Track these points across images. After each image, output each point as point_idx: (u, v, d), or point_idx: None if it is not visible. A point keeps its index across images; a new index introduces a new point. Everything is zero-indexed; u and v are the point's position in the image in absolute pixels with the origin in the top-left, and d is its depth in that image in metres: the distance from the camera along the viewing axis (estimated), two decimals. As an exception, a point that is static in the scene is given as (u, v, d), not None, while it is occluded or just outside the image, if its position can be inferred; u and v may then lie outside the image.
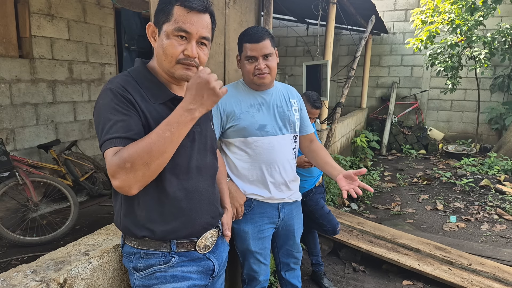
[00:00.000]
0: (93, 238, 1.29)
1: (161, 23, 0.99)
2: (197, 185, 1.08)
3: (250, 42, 1.50)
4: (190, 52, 0.98)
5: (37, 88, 3.82)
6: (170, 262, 1.05)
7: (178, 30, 0.96)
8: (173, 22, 0.96)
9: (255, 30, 1.51)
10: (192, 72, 1.00)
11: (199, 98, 0.91)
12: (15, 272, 1.04)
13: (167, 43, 0.97)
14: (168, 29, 0.97)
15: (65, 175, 3.73)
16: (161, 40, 0.99)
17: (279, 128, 1.61)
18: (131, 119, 0.92)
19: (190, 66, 0.99)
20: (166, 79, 1.06)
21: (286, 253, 1.84)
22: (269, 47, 1.51)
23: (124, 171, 0.86)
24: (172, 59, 0.98)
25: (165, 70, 1.01)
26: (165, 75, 1.05)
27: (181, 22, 0.96)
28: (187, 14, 0.96)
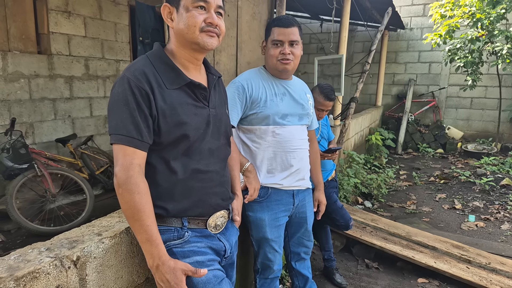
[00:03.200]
0: (106, 220, 1.31)
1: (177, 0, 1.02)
2: (208, 167, 1.11)
3: (279, 26, 1.53)
4: (212, 20, 1.03)
5: (55, 83, 3.91)
6: (184, 237, 1.07)
7: (197, 1, 1.01)
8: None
9: (286, 17, 1.57)
10: (215, 40, 1.05)
11: (162, 279, 0.99)
12: (30, 249, 1.06)
13: (188, 15, 1.01)
14: (187, 2, 1.01)
15: (81, 168, 3.82)
16: (181, 15, 1.02)
17: (298, 118, 1.66)
18: (140, 117, 0.97)
19: (213, 33, 1.04)
20: (185, 58, 1.09)
21: (297, 242, 1.84)
22: (297, 34, 1.55)
23: (116, 188, 0.98)
24: (195, 29, 1.01)
25: (189, 42, 1.04)
26: (184, 54, 1.08)
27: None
28: None
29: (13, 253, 1.03)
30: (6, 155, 3.04)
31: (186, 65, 1.09)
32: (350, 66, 7.17)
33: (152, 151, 1.03)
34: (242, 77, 1.62)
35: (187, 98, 1.06)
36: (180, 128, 1.03)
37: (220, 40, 1.08)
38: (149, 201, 0.98)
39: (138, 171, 0.97)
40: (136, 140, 0.96)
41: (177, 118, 1.02)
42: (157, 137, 1.02)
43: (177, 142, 1.04)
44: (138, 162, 0.98)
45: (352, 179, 3.92)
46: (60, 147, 3.94)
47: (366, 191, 4.23)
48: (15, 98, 3.59)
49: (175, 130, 1.02)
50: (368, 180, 4.41)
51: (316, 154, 1.91)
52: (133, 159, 0.96)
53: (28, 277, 0.92)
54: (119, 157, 0.96)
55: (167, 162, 1.04)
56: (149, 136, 0.99)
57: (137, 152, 0.97)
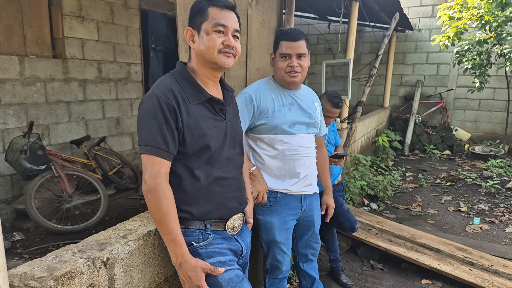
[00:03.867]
0: (129, 224, 1.41)
1: (199, 24, 1.15)
2: (227, 173, 1.23)
3: (287, 40, 1.61)
4: (229, 42, 1.14)
5: (69, 86, 4.04)
6: (207, 239, 1.19)
7: (217, 25, 1.13)
8: (211, 20, 1.13)
9: (293, 30, 1.63)
10: (231, 59, 1.16)
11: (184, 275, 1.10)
12: (65, 251, 1.17)
13: (208, 38, 1.13)
14: (207, 26, 1.13)
15: (95, 169, 3.94)
16: (201, 38, 1.14)
17: (306, 127, 1.73)
18: (167, 131, 1.08)
19: (230, 54, 1.16)
20: (204, 76, 1.20)
21: (305, 244, 1.93)
22: (304, 47, 1.62)
23: (145, 194, 1.09)
24: (214, 50, 1.13)
25: (208, 61, 1.16)
26: (204, 72, 1.20)
27: (218, 19, 1.13)
28: (221, 11, 1.14)
29: (50, 254, 1.14)
30: (24, 156, 3.16)
31: (205, 81, 1.21)
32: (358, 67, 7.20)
33: (178, 160, 1.14)
34: (251, 88, 1.70)
35: (208, 112, 1.18)
36: (202, 139, 1.14)
37: (236, 60, 1.19)
38: (173, 206, 1.09)
39: (165, 179, 1.09)
40: (163, 151, 1.08)
41: (200, 130, 1.14)
42: (182, 147, 1.13)
43: (200, 152, 1.16)
44: (165, 171, 1.10)
45: (359, 181, 3.98)
46: (74, 148, 4.08)
47: (372, 193, 4.29)
48: (32, 101, 3.72)
49: (198, 141, 1.14)
50: (374, 182, 4.47)
51: (325, 159, 1.99)
52: (160, 168, 1.08)
53: (65, 277, 1.02)
54: (148, 166, 1.08)
55: (191, 170, 1.16)
56: (175, 148, 1.11)
57: (164, 162, 1.09)
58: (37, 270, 1.03)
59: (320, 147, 1.95)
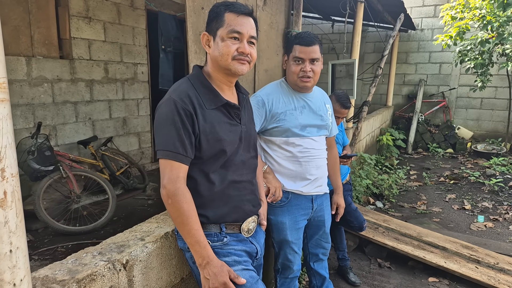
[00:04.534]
0: (146, 226, 1.44)
1: (215, 30, 1.15)
2: (242, 177, 1.25)
3: (301, 44, 1.61)
4: (243, 49, 1.14)
5: (77, 87, 4.07)
6: (223, 241, 1.21)
7: (232, 32, 1.13)
8: (226, 26, 1.13)
9: (308, 34, 1.63)
10: (246, 66, 1.17)
11: (209, 273, 1.11)
12: (84, 253, 1.19)
13: (223, 45, 1.13)
14: (223, 33, 1.13)
15: (102, 169, 3.97)
16: (217, 44, 1.14)
17: (317, 130, 1.75)
18: (184, 135, 1.09)
19: (244, 61, 1.15)
20: (220, 81, 1.21)
21: (315, 244, 1.95)
22: (318, 52, 1.62)
23: (165, 199, 1.10)
24: (228, 57, 1.13)
25: (222, 68, 1.16)
26: (219, 77, 1.20)
27: (234, 25, 1.13)
28: (237, 17, 1.13)
29: (70, 257, 1.15)
30: (32, 157, 3.15)
31: (221, 86, 1.22)
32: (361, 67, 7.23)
33: (194, 165, 1.16)
34: (263, 92, 1.72)
35: (223, 117, 1.19)
36: (218, 144, 1.15)
37: (251, 66, 1.20)
38: (194, 209, 1.11)
39: (183, 183, 1.11)
40: (182, 156, 1.09)
41: (216, 135, 1.15)
42: (198, 152, 1.14)
43: (216, 156, 1.17)
44: (183, 175, 1.11)
45: (364, 180, 4.02)
46: (81, 148, 4.10)
47: (378, 191, 4.33)
48: (39, 102, 3.75)
49: (214, 146, 1.15)
50: (379, 181, 4.50)
51: (335, 159, 2.01)
52: (179, 173, 1.09)
53: (87, 279, 1.04)
54: (167, 171, 1.09)
55: (206, 174, 1.17)
56: (192, 152, 1.12)
57: (182, 166, 1.10)
58: (59, 273, 1.04)
59: (331, 147, 1.98)
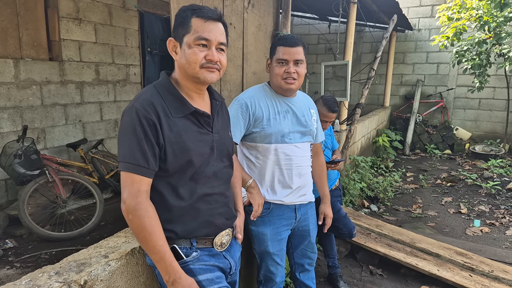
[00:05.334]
0: (113, 241, 1.35)
1: (181, 36, 1.07)
2: (213, 189, 1.18)
3: (285, 46, 1.56)
4: (212, 57, 1.07)
5: (66, 89, 4.01)
6: (192, 255, 1.14)
7: (199, 39, 1.06)
8: (193, 32, 1.06)
9: (291, 36, 1.59)
10: (215, 74, 1.10)
11: None
12: (40, 273, 1.10)
13: (190, 52, 1.06)
14: (189, 39, 1.06)
15: (91, 172, 3.91)
16: (183, 51, 1.07)
17: (300, 136, 1.68)
18: (147, 146, 1.03)
19: (213, 68, 1.09)
20: (188, 88, 1.14)
21: (300, 254, 1.88)
22: (302, 53, 1.57)
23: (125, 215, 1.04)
24: (195, 65, 1.07)
25: (190, 76, 1.10)
26: (187, 85, 1.13)
27: (201, 32, 1.06)
28: (204, 23, 1.06)
29: (24, 278, 1.07)
30: (18, 161, 3.09)
31: (190, 94, 1.15)
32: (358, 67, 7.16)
33: (160, 178, 1.09)
34: (246, 95, 1.65)
35: (192, 126, 1.12)
36: (185, 155, 1.08)
37: (221, 73, 1.13)
38: (158, 224, 1.04)
39: (146, 197, 1.04)
40: (143, 168, 1.02)
41: (183, 145, 1.08)
42: (164, 163, 1.07)
43: (183, 168, 1.09)
44: (145, 188, 1.04)
45: (358, 183, 3.95)
46: (71, 151, 4.05)
47: (372, 194, 4.26)
48: (27, 105, 3.69)
49: (181, 157, 1.08)
50: (374, 183, 4.43)
51: (322, 167, 1.93)
52: (140, 186, 1.03)
53: (38, 304, 0.95)
54: (127, 185, 1.03)
55: (174, 188, 1.10)
56: (155, 164, 1.05)
57: (144, 179, 1.04)
58: (10, 296, 0.96)
59: (317, 154, 1.91)
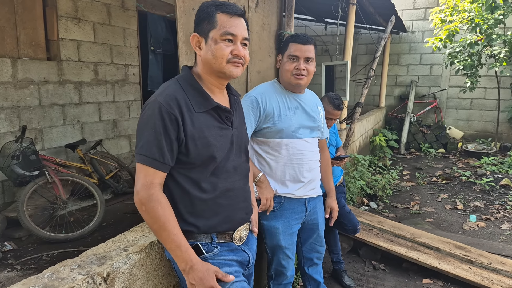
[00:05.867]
0: (130, 235, 1.36)
1: (206, 31, 1.09)
2: (234, 184, 1.19)
3: (297, 42, 1.60)
4: (238, 52, 1.09)
5: (64, 89, 3.98)
6: (213, 251, 1.15)
7: (226, 34, 1.07)
8: (219, 28, 1.08)
9: (304, 34, 1.64)
10: (240, 69, 1.12)
11: (194, 278, 1.06)
12: (62, 267, 1.10)
13: (217, 47, 1.08)
14: (215, 35, 1.08)
15: (91, 173, 3.87)
16: (209, 46, 1.09)
17: (310, 131, 1.72)
18: (165, 141, 1.03)
19: (239, 63, 1.11)
20: (211, 83, 1.16)
21: (309, 248, 1.91)
22: (313, 52, 1.62)
23: (138, 206, 1.05)
24: (222, 60, 1.08)
25: (216, 71, 1.11)
26: (211, 79, 1.15)
27: (227, 27, 1.08)
28: (230, 19, 1.08)
29: (46, 271, 1.08)
30: (17, 162, 3.02)
31: (212, 89, 1.16)
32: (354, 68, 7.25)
33: (182, 173, 1.10)
34: (257, 91, 1.68)
35: (213, 121, 1.13)
36: (207, 150, 1.10)
37: (244, 68, 1.15)
38: (172, 213, 1.05)
39: (159, 189, 1.05)
40: (158, 162, 1.04)
41: (205, 140, 1.09)
42: (186, 157, 1.09)
43: (205, 163, 1.11)
44: (159, 181, 1.06)
45: (358, 181, 4.00)
46: (69, 152, 4.01)
47: (371, 192, 4.32)
48: (25, 105, 3.65)
49: (203, 152, 1.09)
50: (373, 181, 4.50)
51: (327, 162, 1.98)
52: (154, 179, 1.04)
53: (63, 296, 0.95)
54: (141, 177, 1.04)
55: (197, 183, 1.11)
56: (171, 159, 1.06)
57: (158, 173, 1.05)
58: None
59: (323, 150, 1.95)
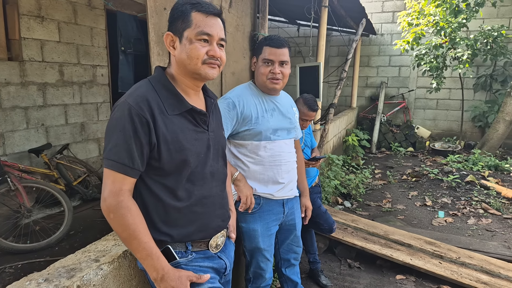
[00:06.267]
0: (101, 244, 1.30)
1: (181, 30, 1.04)
2: (210, 191, 1.14)
3: (271, 46, 1.59)
4: (214, 53, 1.05)
5: (27, 91, 3.76)
6: (187, 257, 1.10)
7: (201, 34, 1.03)
8: (194, 27, 1.03)
9: (278, 37, 1.62)
10: (216, 70, 1.08)
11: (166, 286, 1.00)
12: (27, 281, 1.03)
13: (191, 47, 1.03)
14: (190, 34, 1.03)
15: (57, 179, 3.68)
16: (183, 46, 1.04)
17: (287, 132, 1.73)
18: (135, 145, 0.98)
19: (214, 64, 1.07)
20: (185, 85, 1.11)
21: (287, 249, 1.92)
22: (287, 55, 1.61)
23: (106, 214, 0.99)
24: (197, 61, 1.04)
25: (190, 72, 1.06)
26: (185, 81, 1.10)
27: (203, 26, 1.03)
28: (206, 18, 1.04)
29: (9, 287, 1.00)
30: (-24, 169, 2.88)
31: (186, 90, 1.11)
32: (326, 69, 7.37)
33: (156, 180, 1.05)
34: (233, 94, 1.65)
35: (188, 124, 1.08)
36: (181, 154, 1.04)
37: (220, 69, 1.11)
38: (142, 221, 1.00)
39: (128, 195, 0.99)
40: (127, 167, 0.98)
41: (178, 144, 1.04)
42: (158, 162, 1.03)
43: (179, 168, 1.05)
44: (128, 187, 1.00)
45: (333, 181, 4.07)
46: (33, 157, 3.79)
47: (345, 191, 4.40)
48: (-16, 108, 3.42)
49: (176, 156, 1.04)
50: (346, 181, 4.59)
51: (301, 162, 1.99)
52: (123, 185, 0.98)
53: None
54: (108, 183, 0.98)
55: (172, 190, 1.06)
56: (142, 164, 1.01)
57: (127, 179, 0.99)
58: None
59: (296, 150, 1.95)
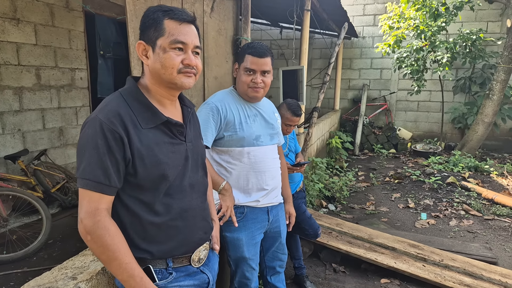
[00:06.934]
0: (79, 260, 1.25)
1: (153, 39, 1.00)
2: (191, 203, 1.10)
3: (253, 55, 1.56)
4: (189, 61, 1.02)
5: (3, 95, 3.61)
6: (167, 278, 1.06)
7: (175, 42, 0.99)
8: (168, 35, 0.99)
9: (261, 46, 1.59)
10: (192, 79, 1.05)
11: None
12: None
13: (165, 56, 0.99)
14: (164, 43, 0.99)
15: (35, 186, 3.55)
16: (157, 55, 1.00)
17: (270, 138, 1.72)
18: (110, 162, 0.94)
19: (190, 73, 1.04)
20: (160, 95, 1.06)
21: (272, 256, 1.90)
22: (269, 64, 1.59)
23: (83, 235, 0.94)
24: (172, 70, 1.00)
25: (165, 82, 1.03)
26: (160, 91, 1.06)
27: (176, 35, 0.99)
28: (179, 26, 1.00)
29: None
30: None
31: (162, 101, 1.07)
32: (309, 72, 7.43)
33: (132, 196, 1.01)
34: (216, 98, 1.63)
35: (164, 137, 1.03)
36: (157, 168, 1.00)
37: (197, 78, 1.07)
38: (122, 240, 0.95)
39: (105, 215, 0.94)
40: (103, 185, 0.94)
41: (154, 158, 1.00)
42: (134, 178, 0.99)
43: (156, 183, 1.01)
44: (105, 206, 0.95)
45: (317, 184, 4.08)
46: (9, 164, 3.64)
47: (329, 194, 4.43)
48: (-45, 113, 3.26)
49: (153, 171, 1.00)
50: (330, 184, 4.61)
51: (283, 168, 1.97)
52: (99, 204, 0.94)
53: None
54: (84, 203, 0.93)
55: (149, 205, 1.02)
56: (119, 180, 0.97)
57: (104, 197, 0.95)
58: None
59: (279, 156, 1.94)
